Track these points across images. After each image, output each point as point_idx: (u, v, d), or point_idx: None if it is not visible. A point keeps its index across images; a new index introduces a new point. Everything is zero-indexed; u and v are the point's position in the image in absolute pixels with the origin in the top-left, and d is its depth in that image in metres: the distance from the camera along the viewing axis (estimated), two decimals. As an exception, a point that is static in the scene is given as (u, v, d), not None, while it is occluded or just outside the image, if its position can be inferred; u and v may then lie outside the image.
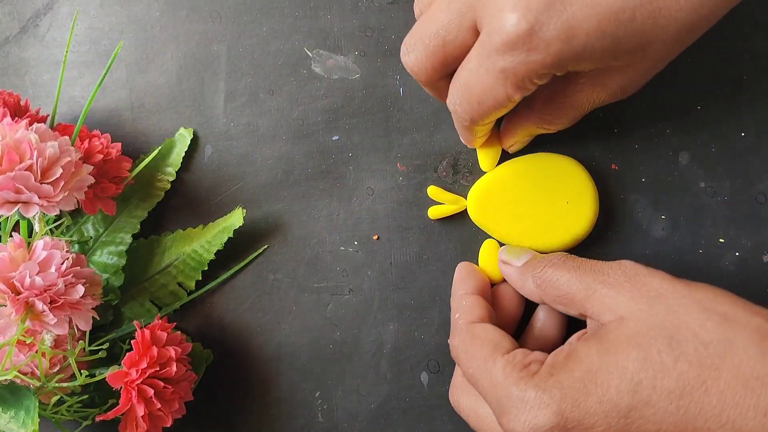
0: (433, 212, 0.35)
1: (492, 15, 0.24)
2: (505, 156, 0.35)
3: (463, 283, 0.33)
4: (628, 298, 0.25)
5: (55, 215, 0.31)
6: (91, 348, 0.33)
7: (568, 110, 0.30)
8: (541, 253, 0.34)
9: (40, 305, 0.28)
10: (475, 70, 0.26)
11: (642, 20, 0.23)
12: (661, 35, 0.24)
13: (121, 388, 0.30)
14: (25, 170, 0.28)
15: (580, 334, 0.28)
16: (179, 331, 0.33)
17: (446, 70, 0.28)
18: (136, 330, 0.31)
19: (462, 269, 0.34)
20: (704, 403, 0.22)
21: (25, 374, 0.30)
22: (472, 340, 0.28)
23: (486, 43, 0.25)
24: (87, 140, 0.33)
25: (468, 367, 0.28)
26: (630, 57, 0.25)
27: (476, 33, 0.26)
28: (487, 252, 0.35)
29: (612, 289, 0.26)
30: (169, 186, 0.36)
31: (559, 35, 0.23)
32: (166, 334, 0.31)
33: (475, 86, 0.26)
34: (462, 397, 0.30)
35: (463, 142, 0.35)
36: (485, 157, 0.35)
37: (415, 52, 0.28)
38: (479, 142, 0.34)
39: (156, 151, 0.35)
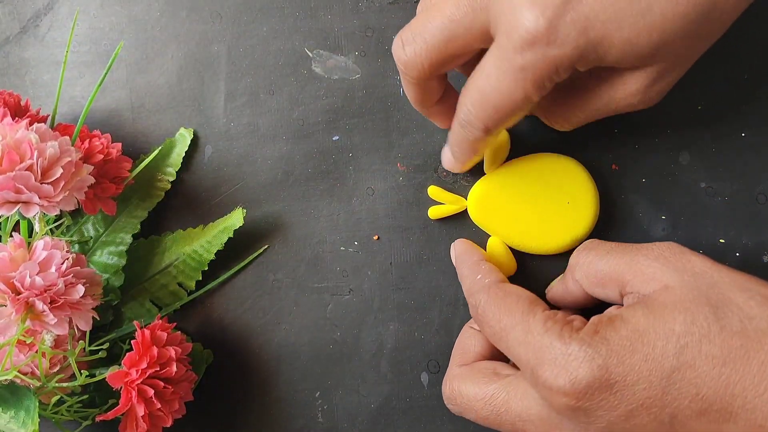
0: (434, 212, 0.35)
1: (509, 14, 0.24)
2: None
3: (470, 254, 0.33)
4: (673, 270, 0.26)
5: (56, 215, 0.31)
6: (91, 348, 0.33)
7: (578, 110, 0.30)
8: (541, 254, 0.34)
9: (40, 305, 0.28)
10: (492, 73, 0.25)
11: (660, 11, 0.23)
12: (680, 28, 0.24)
13: (121, 388, 0.30)
14: (26, 170, 0.28)
15: (615, 307, 0.28)
16: (179, 331, 0.33)
17: (440, 70, 0.28)
18: (136, 330, 0.31)
19: (463, 243, 0.34)
20: (745, 372, 0.23)
21: (25, 374, 0.30)
22: (506, 296, 0.28)
23: (503, 44, 0.25)
24: (87, 140, 0.33)
25: (498, 321, 0.27)
26: (649, 55, 0.25)
27: (485, 36, 0.26)
28: (492, 249, 0.35)
29: (656, 261, 0.26)
30: (169, 186, 0.36)
31: (577, 27, 0.23)
32: (166, 334, 0.31)
33: (492, 90, 0.26)
34: (463, 385, 0.30)
35: (446, 166, 0.34)
36: (491, 160, 0.35)
37: (414, 45, 0.27)
38: (470, 164, 0.33)
39: (156, 151, 0.35)
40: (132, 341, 0.30)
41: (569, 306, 0.32)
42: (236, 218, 0.35)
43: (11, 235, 0.31)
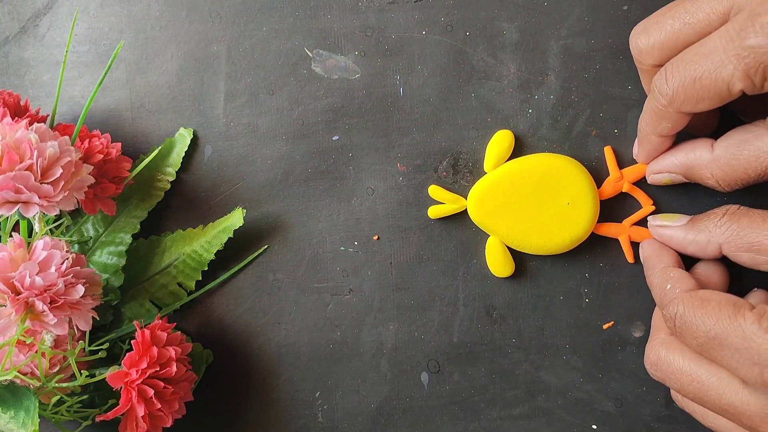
0: (433, 212, 0.35)
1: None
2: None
3: (660, 258, 0.32)
4: None
5: (55, 215, 0.31)
6: (91, 348, 0.33)
7: (751, 164, 0.28)
8: (541, 254, 0.34)
9: (40, 305, 0.28)
10: (712, 45, 0.25)
11: None
12: None
13: (121, 388, 0.30)
14: (25, 170, 0.28)
15: None
16: (179, 331, 0.33)
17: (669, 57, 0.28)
18: (135, 330, 0.30)
19: (652, 245, 0.33)
20: None
21: (25, 374, 0.30)
22: (704, 303, 0.27)
23: (742, 19, 0.24)
24: (87, 140, 0.33)
25: (705, 332, 0.27)
26: None
27: (723, 22, 0.25)
28: (492, 249, 0.35)
29: None
30: (169, 186, 0.36)
31: None
32: (166, 334, 0.31)
33: (702, 60, 0.25)
34: (671, 354, 0.29)
35: (634, 155, 0.34)
36: (491, 158, 0.35)
37: (654, 35, 0.27)
38: (655, 149, 0.32)
39: (156, 151, 0.35)
40: (132, 341, 0.30)
41: (720, 282, 0.32)
42: (236, 218, 0.35)
43: (11, 235, 0.31)
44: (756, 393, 0.26)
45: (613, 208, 0.35)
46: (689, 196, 0.35)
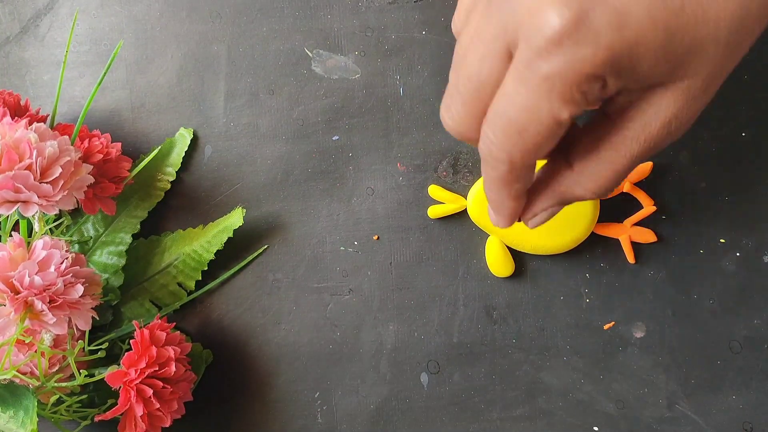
0: (433, 211, 0.35)
1: (529, 19, 0.21)
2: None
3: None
4: None
5: (55, 215, 0.31)
6: (91, 348, 0.33)
7: (614, 159, 0.25)
8: (541, 254, 0.34)
9: (39, 305, 0.28)
10: (512, 91, 0.22)
11: (691, 11, 0.21)
12: (713, 33, 0.22)
13: (120, 387, 0.30)
14: (25, 169, 0.28)
15: None
16: (179, 331, 0.33)
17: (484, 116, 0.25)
18: (135, 330, 0.30)
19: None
20: None
21: (24, 374, 0.30)
22: None
23: (524, 52, 0.22)
24: (87, 140, 0.33)
25: None
26: (682, 64, 0.23)
27: (511, 58, 0.23)
28: (492, 249, 0.35)
29: None
30: (169, 186, 0.36)
31: (609, 22, 0.21)
32: (165, 334, 0.31)
33: (514, 111, 0.23)
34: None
35: (493, 223, 0.28)
36: None
37: (453, 104, 0.25)
38: (515, 211, 0.27)
39: (156, 151, 0.35)
40: (131, 341, 0.30)
41: None
42: (236, 218, 0.35)
43: (11, 235, 0.31)
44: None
45: (613, 208, 0.35)
46: (690, 196, 0.35)
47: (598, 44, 0.21)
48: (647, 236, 0.34)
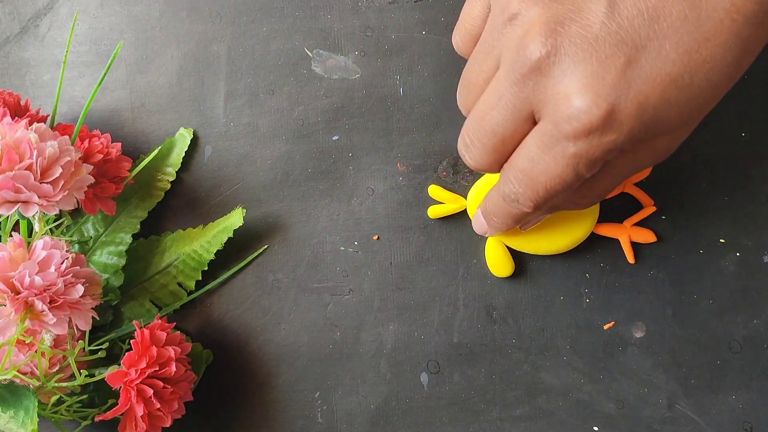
0: (433, 211, 0.35)
1: (557, 103, 0.24)
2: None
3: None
4: None
5: (55, 215, 0.31)
6: (91, 348, 0.33)
7: (608, 184, 0.28)
8: (541, 254, 0.34)
9: (39, 305, 0.28)
10: (540, 158, 0.25)
11: (698, 82, 0.23)
12: (713, 87, 0.24)
13: (120, 387, 0.30)
14: (25, 170, 0.28)
15: None
16: (179, 331, 0.33)
17: (506, 160, 0.27)
18: (135, 330, 0.30)
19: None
20: None
21: (24, 374, 0.30)
22: None
23: (552, 132, 0.24)
24: (87, 140, 0.33)
25: None
26: (690, 120, 0.25)
27: (533, 123, 0.25)
28: (492, 249, 0.35)
29: None
30: (169, 186, 0.36)
31: (630, 113, 0.23)
32: (165, 334, 0.31)
33: (541, 173, 0.25)
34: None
35: (478, 231, 0.33)
36: None
37: (475, 149, 0.27)
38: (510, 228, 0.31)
39: (156, 151, 0.35)
40: (131, 341, 0.30)
41: None
42: (236, 218, 0.35)
43: (11, 235, 0.31)
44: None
45: (613, 208, 0.35)
46: (690, 196, 0.35)
47: (622, 131, 0.23)
48: (647, 236, 0.34)
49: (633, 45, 0.23)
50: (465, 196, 0.35)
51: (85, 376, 0.30)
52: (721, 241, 0.35)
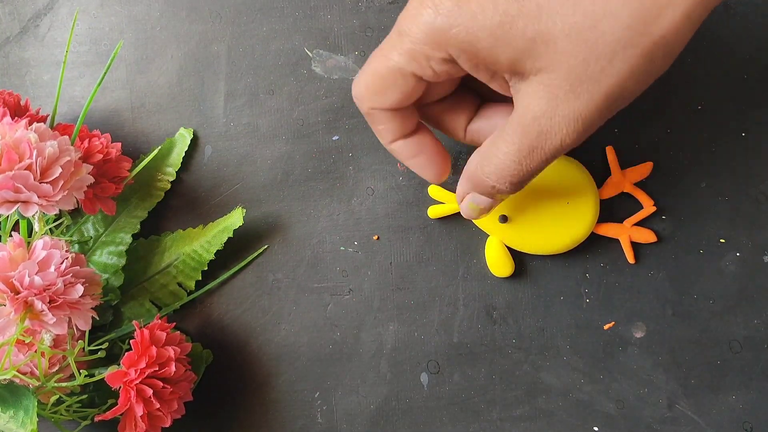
0: (433, 211, 0.35)
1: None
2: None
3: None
4: None
5: (55, 215, 0.31)
6: (91, 348, 0.33)
7: (500, 144, 0.26)
8: (541, 254, 0.34)
9: (39, 305, 0.28)
10: (383, 49, 0.26)
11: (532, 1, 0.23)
12: (558, 27, 0.23)
13: (120, 387, 0.30)
14: (25, 169, 0.28)
15: None
16: (179, 331, 0.33)
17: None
18: (135, 330, 0.30)
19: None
20: None
21: (24, 374, 0.30)
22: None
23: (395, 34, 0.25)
24: (87, 140, 0.33)
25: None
26: (530, 53, 0.23)
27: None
28: (492, 249, 0.35)
29: None
30: (169, 186, 0.36)
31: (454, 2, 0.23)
32: (165, 334, 0.31)
33: (377, 61, 0.26)
34: None
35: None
36: None
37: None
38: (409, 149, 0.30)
39: (156, 151, 0.35)
40: (131, 341, 0.30)
41: None
42: (236, 218, 0.35)
43: (11, 235, 0.31)
44: None
45: (613, 208, 0.35)
46: (690, 196, 0.35)
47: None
48: (647, 236, 0.34)
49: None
50: (465, 196, 0.35)
51: (85, 376, 0.30)
52: (721, 241, 0.35)
